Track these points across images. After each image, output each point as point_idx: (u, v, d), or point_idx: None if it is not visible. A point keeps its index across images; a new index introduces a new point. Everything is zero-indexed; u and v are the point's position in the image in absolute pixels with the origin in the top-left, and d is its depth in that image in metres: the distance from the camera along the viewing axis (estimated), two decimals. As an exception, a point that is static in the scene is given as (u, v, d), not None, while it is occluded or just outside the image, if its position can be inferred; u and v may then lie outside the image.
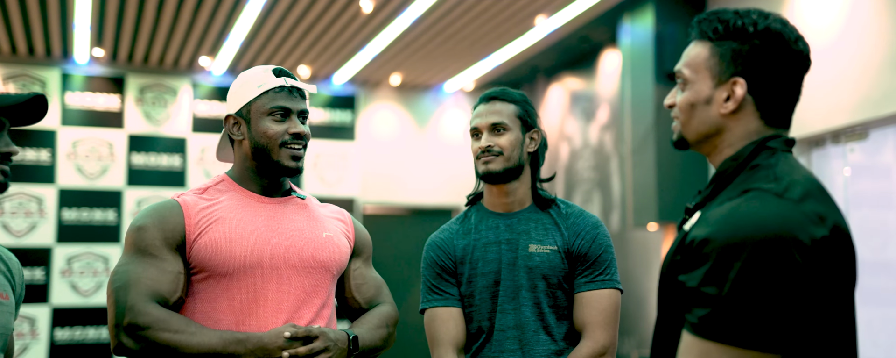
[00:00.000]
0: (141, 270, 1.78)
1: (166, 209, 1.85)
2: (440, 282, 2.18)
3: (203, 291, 1.84)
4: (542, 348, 2.10)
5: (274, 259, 1.86)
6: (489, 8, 5.55)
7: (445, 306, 2.16)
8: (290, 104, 1.91)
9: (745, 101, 1.33)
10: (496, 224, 2.19)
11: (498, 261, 2.14)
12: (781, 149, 1.33)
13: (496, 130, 2.16)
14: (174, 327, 1.72)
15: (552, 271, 2.11)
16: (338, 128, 7.39)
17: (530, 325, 2.10)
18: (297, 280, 1.88)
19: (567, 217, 2.18)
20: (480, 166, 2.16)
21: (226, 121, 1.96)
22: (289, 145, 1.90)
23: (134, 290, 1.75)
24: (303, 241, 1.91)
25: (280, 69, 1.95)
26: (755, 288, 1.12)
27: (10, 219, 6.52)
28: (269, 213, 1.92)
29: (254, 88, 1.92)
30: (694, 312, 1.17)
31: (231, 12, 5.63)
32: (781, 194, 1.21)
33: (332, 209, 2.09)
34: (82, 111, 6.77)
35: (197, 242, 1.83)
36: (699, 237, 1.20)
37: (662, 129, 5.16)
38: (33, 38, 6.20)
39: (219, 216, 1.86)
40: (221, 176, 1.98)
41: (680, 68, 1.40)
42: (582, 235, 2.14)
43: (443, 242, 2.22)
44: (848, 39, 4.24)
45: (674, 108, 1.42)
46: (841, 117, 4.27)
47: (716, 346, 1.14)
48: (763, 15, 1.34)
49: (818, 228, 1.18)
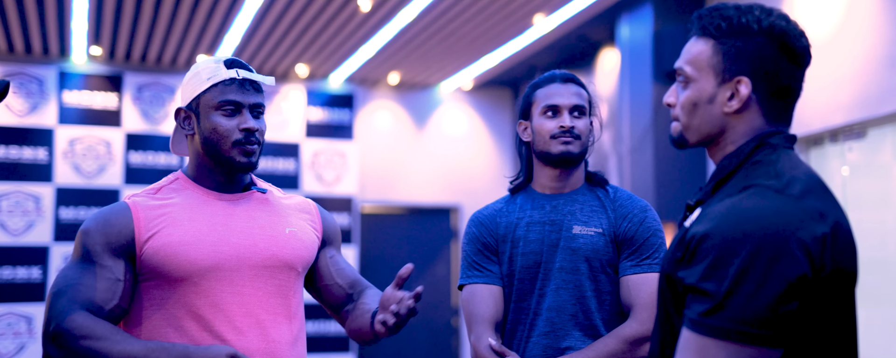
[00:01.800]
0: (78, 276, 1.69)
1: (113, 213, 1.75)
2: (482, 258, 2.13)
3: (157, 298, 1.74)
4: (579, 333, 2.03)
5: (232, 260, 1.75)
6: (487, 6, 5.54)
7: (485, 283, 2.10)
8: (240, 98, 1.80)
9: (750, 100, 1.31)
10: (542, 204, 2.13)
11: (540, 241, 2.09)
12: (783, 145, 1.31)
13: (577, 113, 2.10)
14: (98, 335, 1.62)
15: (595, 254, 2.05)
16: (336, 127, 7.38)
17: (568, 308, 2.04)
18: (260, 281, 1.78)
19: (615, 200, 2.12)
20: (556, 146, 2.07)
21: (176, 114, 1.86)
22: (241, 143, 1.79)
23: (66, 296, 1.67)
24: (263, 238, 1.81)
25: (232, 60, 1.84)
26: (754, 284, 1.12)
27: (8, 217, 6.51)
28: (226, 210, 1.81)
29: (203, 81, 1.81)
30: (693, 307, 1.17)
31: (228, 10, 5.62)
32: (782, 190, 1.21)
33: (297, 201, 1.97)
34: (80, 110, 6.76)
35: (147, 246, 1.72)
36: (699, 233, 1.19)
37: (660, 129, 5.15)
38: (31, 37, 6.18)
39: (172, 218, 1.76)
40: (176, 174, 1.88)
41: (681, 66, 1.38)
42: (629, 218, 2.08)
43: (486, 219, 2.16)
44: (846, 38, 4.24)
45: (674, 107, 1.40)
46: (839, 116, 4.26)
47: (714, 342, 1.13)
48: (766, 11, 1.33)
49: (818, 225, 1.17)
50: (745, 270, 1.12)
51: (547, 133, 2.09)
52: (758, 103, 1.32)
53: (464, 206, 7.65)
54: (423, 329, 7.54)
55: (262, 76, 1.85)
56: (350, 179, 7.34)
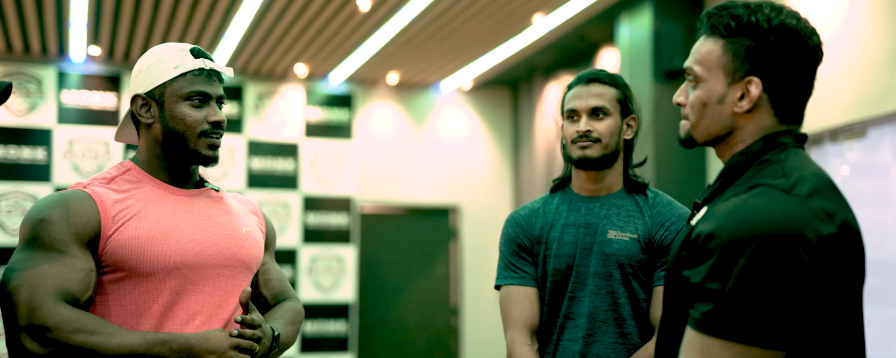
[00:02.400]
0: (47, 266, 1.60)
1: (75, 201, 1.66)
2: (517, 259, 2.10)
3: (116, 292, 1.68)
4: (609, 341, 2.00)
5: (197, 258, 1.72)
6: (487, 6, 5.53)
7: (521, 285, 2.07)
8: (209, 89, 1.76)
9: (760, 100, 1.30)
10: (578, 207, 2.10)
11: (574, 244, 2.06)
12: (792, 144, 1.30)
13: (596, 114, 2.06)
14: (90, 328, 1.57)
15: (629, 260, 2.01)
16: (335, 126, 7.37)
17: (600, 314, 2.01)
18: (220, 280, 1.75)
19: (654, 206, 2.09)
20: (575, 151, 2.06)
21: (133, 101, 1.78)
22: (208, 134, 1.76)
23: (40, 288, 1.57)
24: (224, 238, 1.78)
25: (198, 49, 1.79)
26: (759, 284, 1.11)
27: (6, 218, 6.50)
28: (186, 207, 1.77)
29: (169, 69, 1.74)
30: (697, 307, 1.16)
31: (227, 10, 5.61)
32: (789, 190, 1.20)
33: (244, 200, 1.94)
34: (78, 110, 6.75)
35: (113, 239, 1.66)
36: (704, 232, 1.18)
37: (660, 128, 5.15)
38: (29, 37, 6.18)
39: (136, 210, 1.70)
40: (126, 164, 1.80)
41: (691, 65, 1.36)
42: (666, 226, 2.04)
43: (523, 219, 2.14)
44: (846, 37, 4.24)
45: (684, 106, 1.39)
46: (839, 116, 4.26)
47: (718, 342, 1.13)
48: (776, 10, 1.30)
49: (825, 225, 1.16)
50: (749, 270, 1.11)
51: (569, 137, 2.09)
52: (768, 103, 1.30)
53: (463, 206, 7.65)
54: (423, 329, 7.54)
55: (224, 67, 1.82)
56: (349, 178, 7.33)
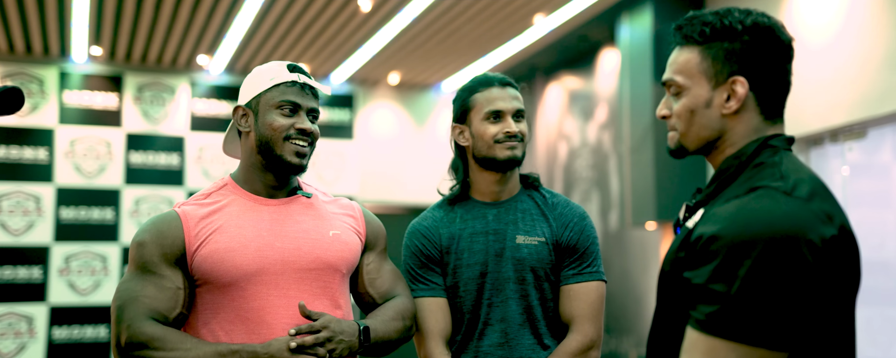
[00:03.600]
0: (140, 287, 1.76)
1: (165, 222, 1.82)
2: (425, 271, 2.11)
3: (209, 302, 1.81)
4: (528, 342, 2.05)
5: (278, 264, 1.82)
6: (488, 6, 5.54)
7: (432, 296, 2.09)
8: (299, 100, 1.88)
9: (747, 99, 1.32)
10: (483, 213, 2.12)
11: (484, 252, 2.08)
12: (783, 147, 1.32)
13: (518, 117, 2.11)
14: (170, 345, 1.70)
15: (540, 264, 2.06)
16: (336, 126, 7.38)
17: (516, 318, 2.05)
18: (305, 283, 1.84)
19: (554, 207, 2.13)
20: (502, 151, 2.07)
21: (234, 112, 1.93)
22: (293, 140, 1.87)
23: (132, 308, 1.73)
24: (308, 242, 1.87)
25: (295, 65, 1.92)
26: (765, 286, 1.12)
27: (8, 217, 6.51)
28: (272, 216, 1.87)
29: (266, 81, 1.89)
30: (700, 308, 1.17)
31: (229, 10, 5.62)
32: (790, 192, 1.21)
33: (342, 204, 2.03)
34: (80, 110, 6.76)
35: (197, 254, 1.80)
36: (707, 234, 1.19)
37: (661, 129, 5.16)
38: (31, 37, 6.19)
39: (219, 224, 1.83)
40: (225, 179, 1.94)
41: (671, 77, 1.38)
42: (570, 227, 2.09)
43: (427, 230, 2.15)
44: (846, 38, 4.24)
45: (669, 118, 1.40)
46: (839, 116, 4.27)
47: (723, 343, 1.14)
48: (745, 12, 1.34)
49: (827, 228, 1.18)
50: (755, 272, 1.12)
51: (491, 137, 2.08)
52: (754, 101, 1.33)
53: (464, 206, 7.65)
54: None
55: (320, 84, 1.94)
56: (350, 178, 7.34)
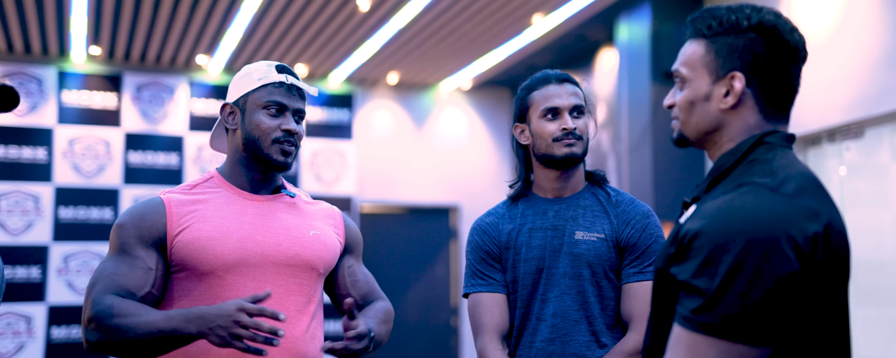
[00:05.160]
0: (112, 266, 1.79)
1: (147, 207, 1.86)
2: (485, 266, 2.11)
3: (185, 289, 1.84)
4: (583, 339, 2.02)
5: (257, 257, 1.85)
6: (486, 6, 5.55)
7: (490, 292, 2.09)
8: (286, 101, 1.91)
9: (745, 96, 1.33)
10: (544, 209, 2.11)
11: (542, 247, 2.07)
12: (780, 144, 1.32)
13: (576, 113, 2.10)
14: (125, 312, 1.70)
15: (598, 260, 2.04)
16: (335, 126, 7.38)
17: (571, 314, 2.03)
18: (281, 278, 1.87)
19: (617, 205, 2.11)
20: (560, 149, 2.06)
21: (222, 109, 1.96)
22: (280, 142, 1.90)
23: (99, 285, 1.76)
24: (288, 238, 1.90)
25: (283, 66, 1.96)
26: (745, 282, 1.13)
27: (7, 217, 6.51)
28: (255, 210, 1.91)
29: (254, 80, 1.92)
30: (684, 304, 1.18)
31: (228, 10, 5.62)
32: (776, 189, 1.22)
33: (323, 207, 2.07)
34: (79, 109, 6.77)
35: (178, 240, 1.82)
36: (692, 230, 1.20)
37: (659, 128, 5.16)
38: (30, 36, 6.19)
39: (203, 213, 1.86)
40: (212, 172, 1.98)
41: (677, 68, 1.41)
42: (632, 224, 2.07)
43: (488, 226, 2.15)
44: (844, 38, 4.25)
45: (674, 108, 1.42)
46: (837, 116, 4.27)
47: (705, 338, 1.14)
48: (756, 9, 1.35)
49: (811, 224, 1.18)
50: (736, 268, 1.13)
51: (549, 136, 2.07)
52: (753, 99, 1.33)
53: (463, 206, 7.66)
54: (423, 329, 7.55)
55: (307, 85, 1.97)
56: (349, 178, 7.34)
